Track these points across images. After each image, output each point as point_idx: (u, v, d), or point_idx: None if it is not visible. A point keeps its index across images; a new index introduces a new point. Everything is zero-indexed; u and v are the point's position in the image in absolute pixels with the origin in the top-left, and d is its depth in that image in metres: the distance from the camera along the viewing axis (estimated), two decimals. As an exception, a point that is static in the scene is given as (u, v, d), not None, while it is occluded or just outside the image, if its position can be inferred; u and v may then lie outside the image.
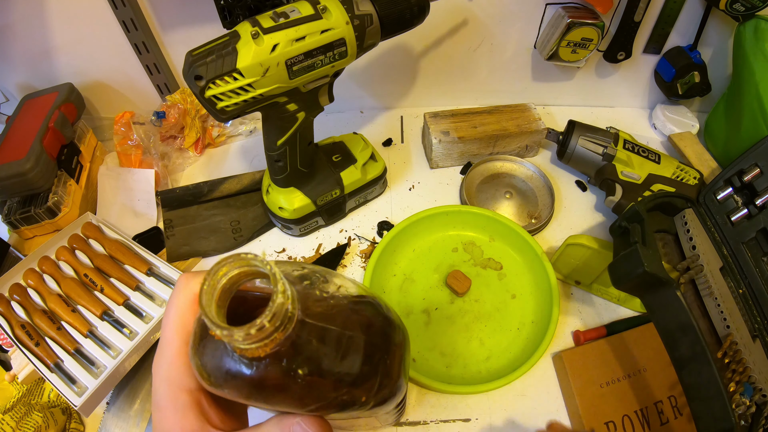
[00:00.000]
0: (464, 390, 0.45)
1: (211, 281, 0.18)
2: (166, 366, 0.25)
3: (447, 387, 0.45)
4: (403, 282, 0.53)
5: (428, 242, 0.56)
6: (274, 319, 0.17)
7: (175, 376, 0.24)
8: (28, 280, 0.51)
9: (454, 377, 0.47)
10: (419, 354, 0.48)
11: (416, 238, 0.56)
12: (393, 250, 0.54)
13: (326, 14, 0.40)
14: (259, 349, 0.18)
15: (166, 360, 0.25)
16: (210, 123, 0.69)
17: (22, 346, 0.46)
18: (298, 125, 0.46)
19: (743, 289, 0.45)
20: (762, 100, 0.53)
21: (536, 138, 0.64)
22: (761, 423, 0.37)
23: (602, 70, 0.69)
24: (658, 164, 0.57)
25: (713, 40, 0.63)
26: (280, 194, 0.54)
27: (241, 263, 0.18)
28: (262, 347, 0.18)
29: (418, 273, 0.54)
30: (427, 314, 0.51)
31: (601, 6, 0.58)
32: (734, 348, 0.40)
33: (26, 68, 0.64)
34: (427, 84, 0.71)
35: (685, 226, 0.48)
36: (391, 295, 0.52)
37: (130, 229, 0.59)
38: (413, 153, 0.68)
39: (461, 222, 0.57)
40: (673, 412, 0.44)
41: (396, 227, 0.54)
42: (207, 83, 0.38)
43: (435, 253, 0.56)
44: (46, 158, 0.55)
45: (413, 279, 0.54)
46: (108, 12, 0.58)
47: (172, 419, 0.24)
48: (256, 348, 0.18)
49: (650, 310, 0.40)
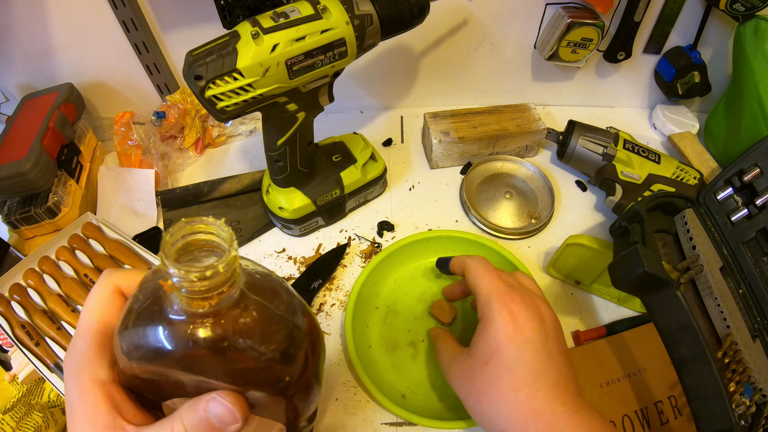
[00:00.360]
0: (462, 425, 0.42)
1: (174, 234, 0.20)
2: (78, 358, 0.24)
3: (442, 424, 0.42)
4: (386, 315, 0.51)
5: (409, 271, 0.54)
6: (226, 268, 0.19)
7: (87, 368, 0.24)
8: (28, 280, 0.51)
9: (447, 411, 0.44)
10: (409, 389, 0.46)
11: (397, 267, 0.53)
12: (374, 281, 0.52)
13: (326, 14, 0.40)
14: (204, 301, 0.20)
15: (78, 352, 0.24)
16: (210, 123, 0.69)
17: (22, 346, 0.46)
18: (298, 125, 0.46)
19: (743, 289, 0.45)
20: (762, 100, 0.53)
21: (536, 138, 0.64)
22: (761, 423, 0.37)
23: (602, 70, 0.69)
24: (658, 164, 0.57)
25: (713, 40, 0.63)
26: (280, 194, 0.54)
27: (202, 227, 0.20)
28: (209, 299, 0.20)
29: (401, 304, 0.51)
30: (414, 347, 0.48)
31: (601, 6, 0.58)
32: (734, 348, 0.40)
33: (26, 68, 0.64)
34: (427, 84, 0.71)
35: (685, 226, 0.48)
36: (374, 329, 0.50)
37: (130, 229, 0.59)
38: (413, 153, 0.68)
39: (442, 247, 0.54)
40: (673, 412, 0.44)
41: (374, 259, 0.52)
42: (207, 83, 0.38)
43: (417, 282, 0.53)
44: (46, 158, 0.55)
45: (396, 311, 0.51)
46: (108, 12, 0.58)
47: (83, 416, 0.23)
48: (202, 299, 0.19)
49: (650, 310, 0.40)
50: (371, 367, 0.46)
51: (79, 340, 0.25)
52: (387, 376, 0.46)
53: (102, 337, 0.25)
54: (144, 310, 0.21)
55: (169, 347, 0.21)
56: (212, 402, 0.22)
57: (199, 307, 0.20)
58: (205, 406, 0.22)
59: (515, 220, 0.59)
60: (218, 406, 0.22)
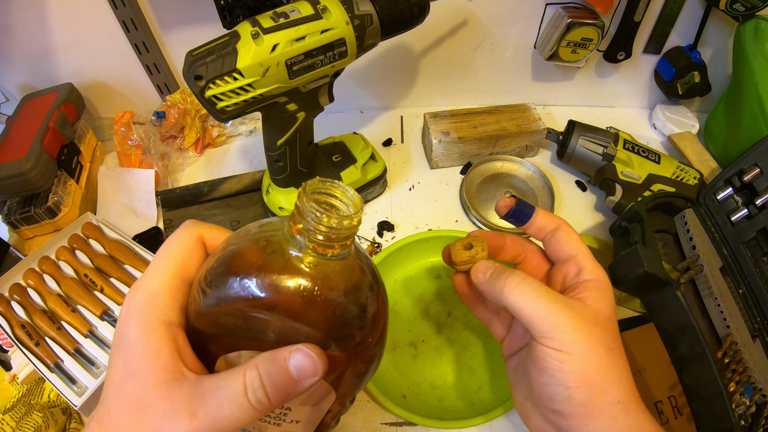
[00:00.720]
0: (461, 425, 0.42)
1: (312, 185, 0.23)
2: (148, 295, 0.24)
3: (442, 424, 0.42)
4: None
5: (409, 270, 0.53)
6: (357, 221, 0.22)
7: (158, 307, 0.23)
8: (28, 280, 0.51)
9: (447, 411, 0.44)
10: (409, 390, 0.46)
11: (397, 267, 0.53)
12: None
13: (326, 14, 0.40)
14: (328, 249, 0.22)
15: (150, 290, 0.24)
16: (210, 123, 0.69)
17: (22, 346, 0.46)
18: (298, 125, 0.46)
19: (743, 289, 0.45)
20: (762, 100, 0.53)
21: (536, 138, 0.64)
22: (761, 423, 0.37)
23: (602, 70, 0.69)
24: (658, 164, 0.57)
25: (713, 40, 0.63)
26: (280, 194, 0.54)
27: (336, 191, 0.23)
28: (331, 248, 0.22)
29: (401, 304, 0.51)
30: (414, 347, 0.48)
31: (601, 6, 0.58)
32: (734, 348, 0.40)
33: (26, 68, 0.64)
34: (427, 84, 0.71)
35: (685, 226, 0.48)
36: None
37: (130, 229, 0.59)
38: (413, 153, 0.68)
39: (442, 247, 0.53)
40: (673, 412, 0.44)
41: (374, 259, 0.51)
42: (207, 83, 0.38)
43: (417, 282, 0.53)
44: (46, 158, 0.55)
45: (396, 311, 0.51)
46: (108, 12, 0.58)
47: (143, 355, 0.22)
48: (327, 246, 0.22)
49: (650, 310, 0.40)
50: (371, 367, 0.46)
51: (153, 279, 0.24)
52: (387, 376, 0.46)
53: (179, 281, 0.25)
54: (251, 253, 0.23)
55: (275, 291, 0.22)
56: (297, 353, 0.22)
57: (323, 251, 0.22)
58: (287, 356, 0.22)
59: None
60: (303, 357, 0.21)
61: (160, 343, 0.23)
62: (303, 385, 0.22)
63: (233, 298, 0.22)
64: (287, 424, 0.26)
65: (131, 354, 0.23)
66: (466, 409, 0.44)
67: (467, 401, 0.45)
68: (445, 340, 0.49)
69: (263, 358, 0.22)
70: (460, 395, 0.45)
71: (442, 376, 0.47)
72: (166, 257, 0.25)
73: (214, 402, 0.22)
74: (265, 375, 0.22)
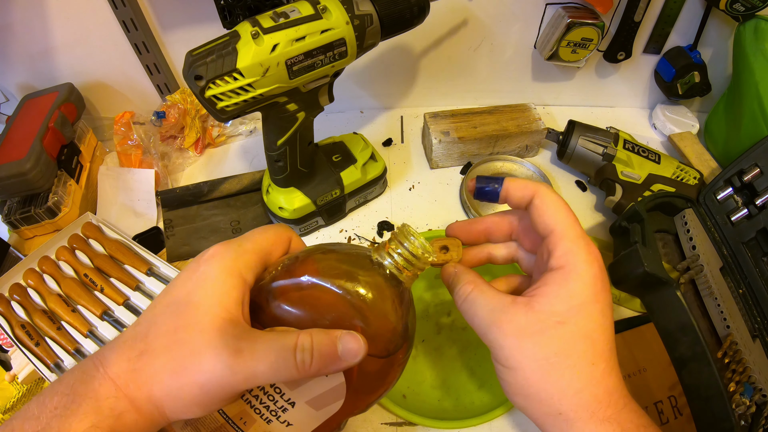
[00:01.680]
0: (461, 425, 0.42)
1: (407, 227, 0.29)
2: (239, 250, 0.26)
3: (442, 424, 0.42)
4: None
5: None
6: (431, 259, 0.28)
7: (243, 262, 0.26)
8: (28, 280, 0.51)
9: (447, 411, 0.44)
10: (409, 390, 0.46)
11: None
12: None
13: (326, 14, 0.40)
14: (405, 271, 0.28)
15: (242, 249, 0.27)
16: (210, 123, 0.69)
17: (22, 346, 0.46)
18: (298, 125, 0.46)
19: (743, 289, 0.45)
20: (762, 100, 0.53)
21: (536, 138, 0.64)
22: (761, 423, 0.37)
23: (602, 70, 0.69)
24: (658, 164, 0.57)
25: (713, 40, 0.63)
26: (280, 194, 0.54)
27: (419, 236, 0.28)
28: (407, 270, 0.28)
29: None
30: (414, 347, 0.48)
31: (601, 6, 0.58)
32: (734, 348, 0.40)
33: (26, 68, 0.64)
34: (427, 84, 0.71)
35: (685, 226, 0.48)
36: None
37: (130, 229, 0.59)
38: (413, 153, 0.68)
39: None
40: (673, 412, 0.44)
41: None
42: (207, 83, 0.38)
43: (417, 282, 0.52)
44: (46, 158, 0.55)
45: None
46: (108, 12, 0.58)
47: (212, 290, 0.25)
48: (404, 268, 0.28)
49: (650, 310, 0.40)
50: (371, 367, 0.46)
51: (246, 243, 0.27)
52: (387, 376, 0.47)
53: (265, 256, 0.28)
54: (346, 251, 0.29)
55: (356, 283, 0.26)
56: (348, 335, 0.24)
57: (399, 272, 0.28)
58: (339, 335, 0.24)
59: (515, 220, 0.59)
60: (352, 338, 0.24)
61: (233, 288, 0.25)
62: (341, 363, 0.24)
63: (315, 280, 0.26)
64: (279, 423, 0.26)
65: (201, 286, 0.25)
66: (466, 409, 0.44)
67: (467, 401, 0.45)
68: (445, 340, 0.49)
69: (318, 330, 0.24)
70: (460, 395, 0.45)
71: (442, 376, 0.47)
72: (263, 235, 0.28)
73: (262, 347, 0.23)
74: (317, 344, 0.24)
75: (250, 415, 0.26)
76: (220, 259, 0.25)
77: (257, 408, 0.26)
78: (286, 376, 0.23)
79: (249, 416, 0.26)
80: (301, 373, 0.23)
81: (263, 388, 0.26)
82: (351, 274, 0.27)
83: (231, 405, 0.26)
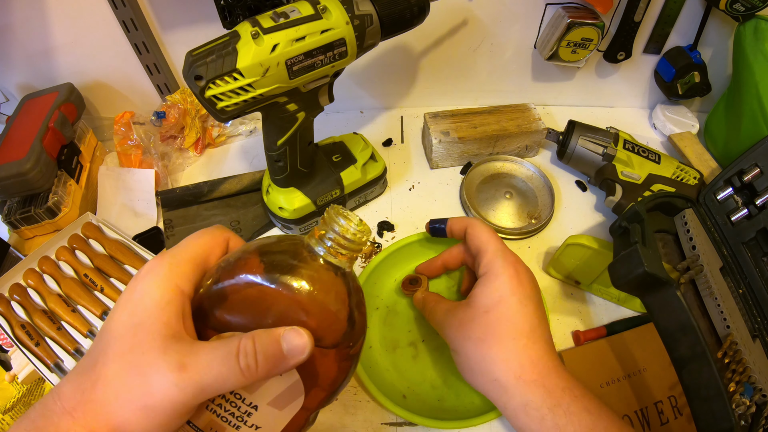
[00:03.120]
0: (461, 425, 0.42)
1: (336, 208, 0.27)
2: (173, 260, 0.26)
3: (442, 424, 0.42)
4: (386, 315, 0.50)
5: (410, 271, 0.52)
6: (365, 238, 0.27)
7: (178, 273, 0.26)
8: (28, 280, 0.51)
9: (447, 411, 0.44)
10: (409, 390, 0.45)
11: (397, 267, 0.53)
12: (374, 282, 0.51)
13: (326, 14, 0.40)
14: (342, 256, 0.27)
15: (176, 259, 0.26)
16: (210, 123, 0.69)
17: (22, 346, 0.46)
18: (298, 125, 0.46)
19: (743, 289, 0.45)
20: (762, 100, 0.53)
21: (536, 138, 0.64)
22: (761, 423, 0.37)
23: (602, 70, 0.69)
24: (658, 164, 0.57)
25: (713, 40, 0.63)
26: (280, 194, 0.54)
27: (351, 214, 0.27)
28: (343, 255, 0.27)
29: (401, 304, 0.51)
30: (414, 347, 0.48)
31: (601, 6, 0.58)
32: (734, 348, 0.40)
33: (26, 68, 0.64)
34: (427, 84, 0.71)
35: (685, 226, 0.48)
36: (375, 330, 0.49)
37: (130, 229, 0.59)
38: (413, 153, 0.68)
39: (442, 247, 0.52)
40: (673, 412, 0.44)
41: (374, 259, 0.52)
42: (207, 83, 0.38)
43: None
44: (46, 158, 0.55)
45: (396, 311, 0.50)
46: (108, 12, 0.58)
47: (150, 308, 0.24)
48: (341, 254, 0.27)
49: (650, 310, 0.40)
50: (372, 368, 0.46)
51: (181, 252, 0.27)
52: (387, 376, 0.46)
53: (201, 263, 0.27)
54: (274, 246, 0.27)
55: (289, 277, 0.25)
56: (291, 332, 0.24)
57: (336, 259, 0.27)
58: (282, 334, 0.24)
59: (515, 220, 0.59)
60: (296, 334, 0.24)
61: (171, 302, 0.25)
62: (289, 362, 0.24)
63: (250, 279, 0.25)
64: (247, 428, 0.27)
65: (140, 305, 0.24)
66: (466, 409, 0.44)
67: (467, 401, 0.45)
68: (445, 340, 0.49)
69: (260, 332, 0.24)
70: (460, 395, 0.45)
71: (442, 376, 0.47)
72: (197, 241, 0.28)
73: (205, 359, 0.23)
74: (259, 344, 0.24)
75: (219, 424, 0.26)
76: (154, 275, 0.25)
77: (223, 416, 0.26)
78: (235, 383, 0.23)
79: (218, 425, 0.26)
80: (248, 378, 0.23)
81: (224, 396, 0.26)
82: (285, 267, 0.26)
83: (198, 416, 0.26)
